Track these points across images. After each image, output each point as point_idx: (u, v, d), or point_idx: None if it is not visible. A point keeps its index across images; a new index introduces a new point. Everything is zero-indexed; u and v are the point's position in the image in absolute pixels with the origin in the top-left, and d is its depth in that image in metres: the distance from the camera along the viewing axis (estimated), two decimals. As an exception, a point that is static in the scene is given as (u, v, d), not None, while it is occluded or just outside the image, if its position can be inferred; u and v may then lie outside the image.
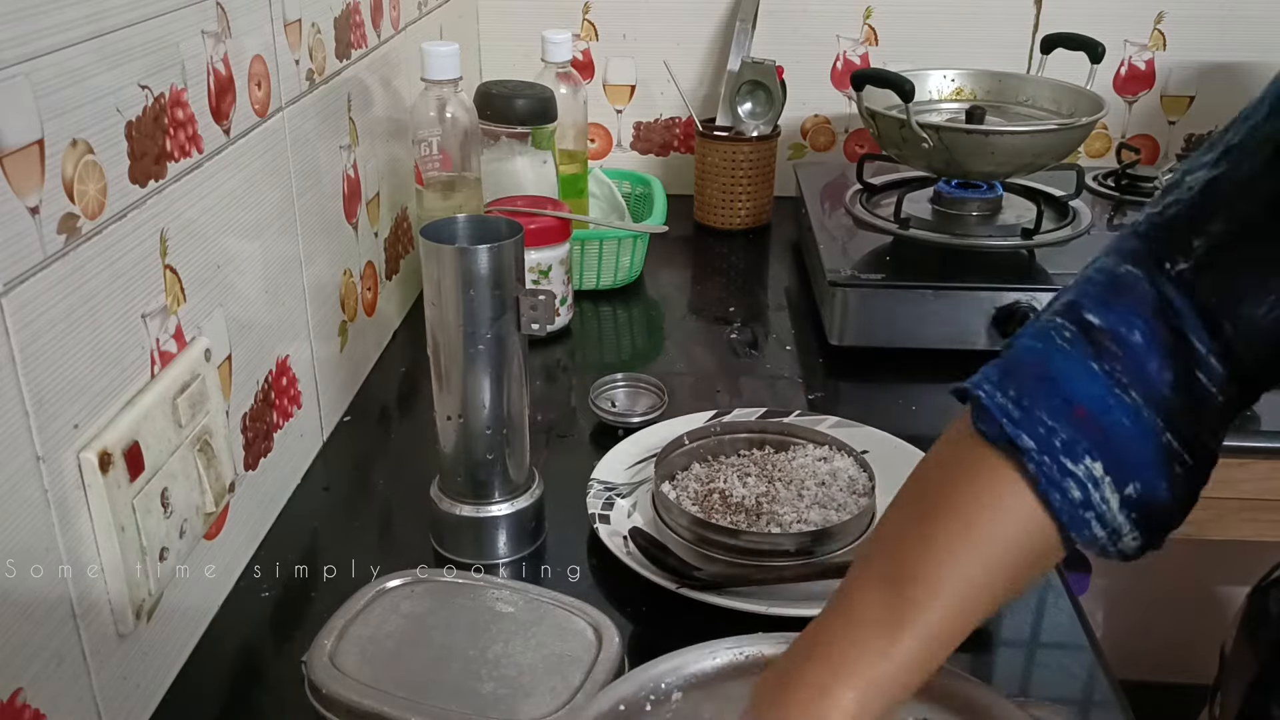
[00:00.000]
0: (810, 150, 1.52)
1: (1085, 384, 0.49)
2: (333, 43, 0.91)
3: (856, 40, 1.45)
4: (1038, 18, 1.42)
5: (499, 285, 0.71)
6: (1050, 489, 0.49)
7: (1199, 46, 1.43)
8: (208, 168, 0.69)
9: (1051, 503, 0.49)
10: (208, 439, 0.67)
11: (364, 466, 0.91)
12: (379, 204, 1.05)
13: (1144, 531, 0.51)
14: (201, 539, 0.69)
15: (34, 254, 0.51)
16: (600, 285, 1.21)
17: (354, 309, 0.99)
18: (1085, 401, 0.49)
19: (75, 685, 0.56)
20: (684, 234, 1.40)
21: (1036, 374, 0.50)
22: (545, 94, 1.15)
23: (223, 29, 0.70)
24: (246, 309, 0.75)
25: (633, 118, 1.52)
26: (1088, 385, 0.49)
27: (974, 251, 1.12)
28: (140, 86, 0.60)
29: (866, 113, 1.17)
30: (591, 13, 1.46)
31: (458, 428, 0.75)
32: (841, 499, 0.78)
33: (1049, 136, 1.11)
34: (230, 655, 0.70)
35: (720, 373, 1.07)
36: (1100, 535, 0.50)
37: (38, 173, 0.51)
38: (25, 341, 0.51)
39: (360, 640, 0.64)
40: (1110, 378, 0.49)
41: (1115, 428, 0.49)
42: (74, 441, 0.55)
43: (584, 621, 0.66)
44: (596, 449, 0.91)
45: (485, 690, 0.61)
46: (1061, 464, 0.49)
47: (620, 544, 0.76)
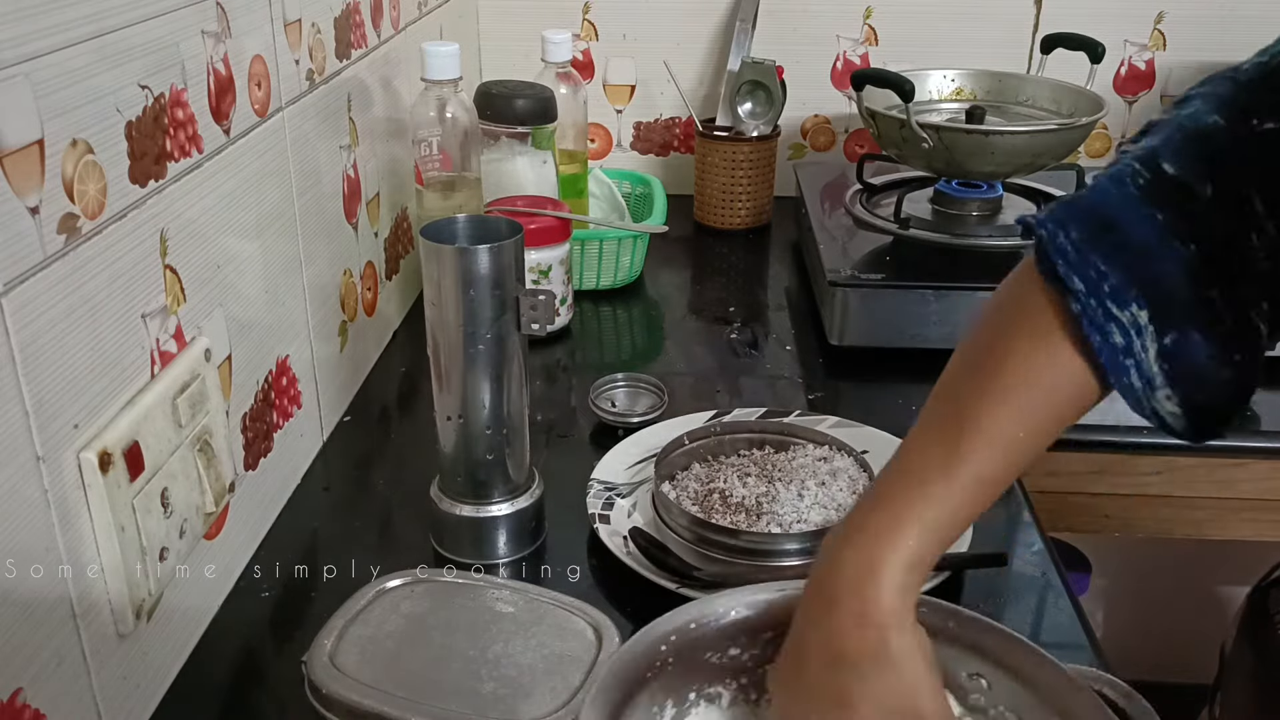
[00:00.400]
0: (810, 150, 1.52)
1: (1143, 231, 0.51)
2: (333, 43, 0.91)
3: (856, 40, 1.45)
4: (1038, 18, 1.42)
5: (499, 285, 0.71)
6: (1093, 331, 0.51)
7: (1199, 46, 1.43)
8: (208, 168, 0.69)
9: (1093, 344, 0.51)
10: (208, 439, 0.67)
11: (364, 466, 0.91)
12: (379, 204, 1.05)
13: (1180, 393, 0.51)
14: (201, 539, 0.69)
15: (34, 254, 0.51)
16: (600, 285, 1.21)
17: (354, 309, 0.99)
18: (1140, 250, 0.50)
19: (75, 685, 0.56)
20: (684, 234, 1.40)
21: (1100, 217, 0.52)
22: (545, 94, 1.15)
23: (223, 29, 0.70)
24: (246, 309, 0.75)
25: (633, 118, 1.52)
26: (1146, 232, 0.50)
27: (974, 251, 1.12)
28: (140, 86, 0.60)
29: (866, 113, 1.17)
30: (591, 13, 1.46)
31: (458, 428, 0.75)
32: (841, 499, 0.78)
33: (1049, 136, 1.11)
34: (230, 655, 0.70)
35: (720, 373, 1.07)
36: (1137, 385, 0.51)
37: (38, 173, 0.51)
38: (25, 341, 0.51)
39: (360, 640, 0.64)
40: (1169, 227, 0.50)
41: (1164, 276, 0.50)
42: (74, 441, 0.55)
43: (584, 621, 0.66)
44: (596, 449, 0.90)
45: (485, 690, 0.61)
46: (1107, 308, 0.50)
47: (620, 544, 0.76)
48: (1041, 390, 0.53)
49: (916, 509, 0.52)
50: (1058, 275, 0.51)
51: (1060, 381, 0.53)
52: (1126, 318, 0.50)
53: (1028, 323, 0.53)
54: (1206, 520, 1.03)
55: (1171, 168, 0.51)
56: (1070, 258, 0.51)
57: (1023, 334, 0.53)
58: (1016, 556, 0.79)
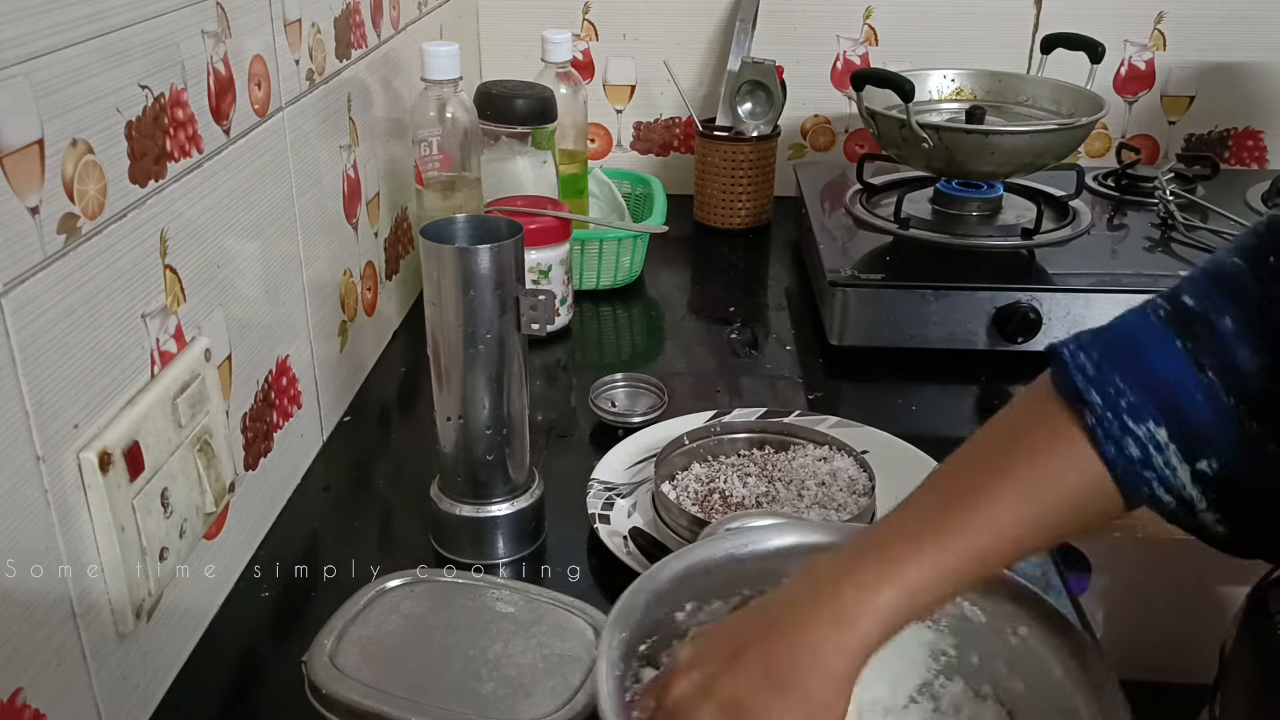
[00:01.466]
0: (810, 150, 1.52)
1: (1166, 359, 0.52)
2: (333, 43, 0.91)
3: (856, 40, 1.45)
4: (1038, 18, 1.42)
5: (499, 285, 0.71)
6: (1107, 442, 0.51)
7: (1199, 46, 1.43)
8: (208, 168, 0.69)
9: (1106, 455, 0.52)
10: (208, 439, 0.67)
11: (364, 466, 0.91)
12: (379, 204, 1.05)
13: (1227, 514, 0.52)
14: (201, 539, 0.69)
15: (34, 254, 0.51)
16: (600, 285, 1.21)
17: (354, 309, 0.99)
18: (1161, 373, 0.52)
19: (75, 685, 0.56)
20: (684, 234, 1.40)
21: (1121, 343, 0.54)
22: (545, 94, 1.15)
23: (223, 29, 0.70)
24: (246, 309, 0.75)
25: (633, 118, 1.52)
26: (1168, 360, 0.52)
27: (974, 251, 1.12)
28: (140, 86, 0.60)
29: (866, 113, 1.17)
30: (591, 13, 1.46)
31: (458, 428, 0.75)
32: (841, 499, 0.78)
33: (1049, 136, 1.11)
34: (230, 655, 0.70)
35: (720, 373, 1.07)
36: (1167, 501, 0.52)
37: (38, 173, 0.51)
38: (25, 341, 0.51)
39: (360, 640, 0.64)
40: (1191, 356, 0.52)
41: (1189, 404, 0.51)
42: (74, 441, 0.55)
43: (584, 621, 0.66)
44: (596, 449, 0.90)
45: (485, 690, 0.61)
46: (1123, 422, 0.51)
47: (620, 544, 0.76)
48: (1049, 483, 0.53)
49: (902, 568, 0.51)
50: (1076, 390, 0.53)
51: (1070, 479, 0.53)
52: (1143, 432, 0.51)
53: (1045, 425, 0.54)
54: (1206, 520, 1.03)
55: (1191, 301, 0.53)
56: (1089, 374, 0.53)
57: (1040, 433, 0.54)
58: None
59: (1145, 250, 1.16)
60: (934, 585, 0.51)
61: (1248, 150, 1.48)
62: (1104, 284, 1.05)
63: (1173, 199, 1.21)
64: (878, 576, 0.51)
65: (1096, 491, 0.52)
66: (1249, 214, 1.21)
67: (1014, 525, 0.52)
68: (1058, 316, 1.03)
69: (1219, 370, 0.51)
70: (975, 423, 1.00)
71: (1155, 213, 1.22)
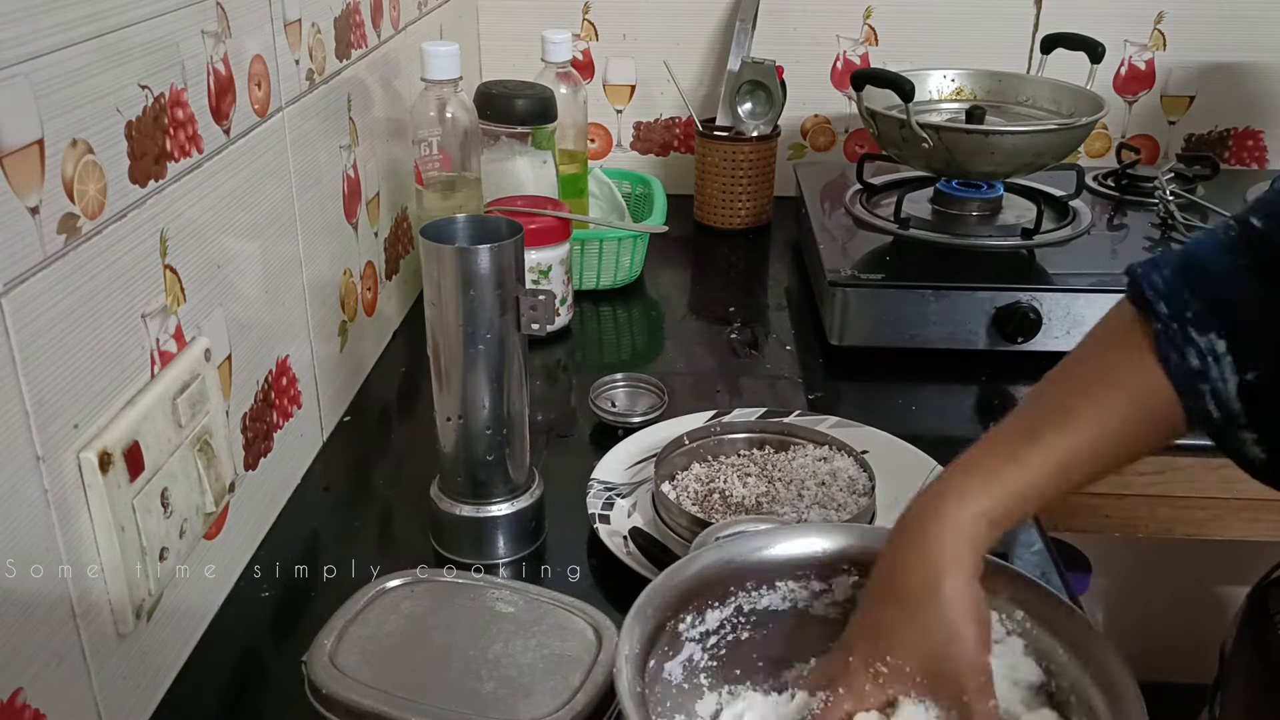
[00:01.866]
0: (810, 150, 1.52)
1: (1229, 273, 0.55)
2: (333, 43, 0.91)
3: (856, 40, 1.45)
4: (1038, 18, 1.42)
5: (499, 285, 0.71)
6: (1169, 350, 0.55)
7: (1199, 46, 1.43)
8: (208, 168, 0.69)
9: (1169, 364, 0.55)
10: (208, 439, 0.67)
11: (364, 466, 0.91)
12: (379, 204, 1.05)
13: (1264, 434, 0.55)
14: (201, 539, 0.69)
15: (34, 254, 0.51)
16: (600, 285, 1.21)
17: (354, 309, 0.99)
18: (1223, 285, 0.55)
19: (75, 685, 0.56)
20: (684, 234, 1.40)
21: (1190, 258, 0.57)
22: (545, 94, 1.15)
23: (223, 29, 0.70)
24: (246, 309, 0.75)
25: (633, 118, 1.51)
26: (1231, 274, 0.55)
27: (974, 251, 1.12)
28: (140, 86, 0.60)
29: (866, 113, 1.17)
30: (591, 13, 1.46)
31: (458, 428, 0.75)
32: (841, 499, 0.78)
33: (1049, 136, 1.11)
34: (230, 655, 0.70)
35: (720, 373, 1.07)
36: (1215, 414, 0.55)
37: (38, 173, 0.51)
38: (25, 341, 0.51)
39: (360, 640, 0.64)
40: (1251, 270, 0.55)
41: (1245, 314, 0.54)
42: (74, 441, 0.55)
43: (584, 621, 0.66)
44: (596, 449, 0.90)
45: (485, 690, 0.61)
46: (1186, 332, 0.55)
47: (620, 544, 0.76)
48: (1125, 391, 0.57)
49: (999, 471, 0.56)
50: (1147, 301, 0.56)
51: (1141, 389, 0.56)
52: (1204, 343, 0.54)
53: (1119, 339, 0.58)
54: (1206, 520, 1.03)
55: (1258, 222, 0.56)
56: (1159, 288, 0.56)
57: (1114, 347, 0.59)
58: (1017, 556, 0.79)
59: (1145, 250, 1.16)
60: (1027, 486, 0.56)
61: (1248, 150, 1.48)
62: (1104, 284, 1.05)
63: (1173, 199, 1.21)
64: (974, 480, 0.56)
65: (1160, 400, 0.56)
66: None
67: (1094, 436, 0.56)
68: (1058, 316, 1.03)
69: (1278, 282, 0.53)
70: (975, 422, 1.00)
71: (1155, 213, 1.22)
